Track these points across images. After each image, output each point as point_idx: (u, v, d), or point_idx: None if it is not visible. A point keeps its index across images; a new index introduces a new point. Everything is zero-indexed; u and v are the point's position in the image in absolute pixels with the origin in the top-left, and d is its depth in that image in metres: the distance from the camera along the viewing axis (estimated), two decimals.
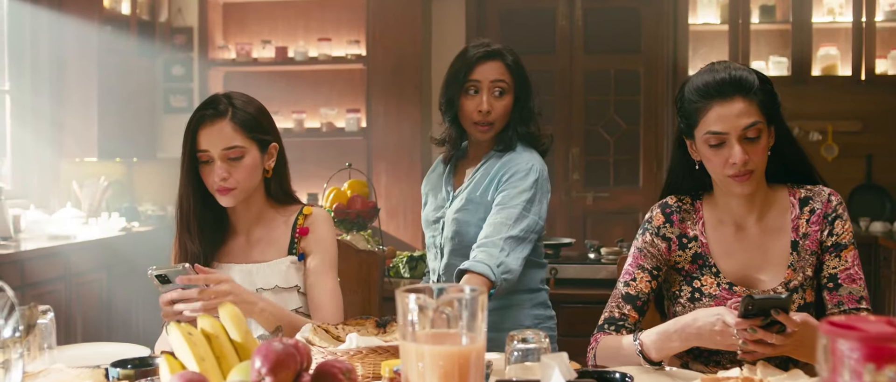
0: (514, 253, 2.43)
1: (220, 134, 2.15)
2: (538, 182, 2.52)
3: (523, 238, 2.46)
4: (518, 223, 2.46)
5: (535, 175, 2.52)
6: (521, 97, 2.60)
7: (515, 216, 2.46)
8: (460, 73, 2.60)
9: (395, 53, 5.98)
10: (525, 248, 2.47)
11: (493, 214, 2.50)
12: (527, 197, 2.49)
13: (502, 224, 2.45)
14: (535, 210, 2.50)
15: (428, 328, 1.29)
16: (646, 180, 6.25)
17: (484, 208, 2.56)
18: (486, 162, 2.61)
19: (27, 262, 4.54)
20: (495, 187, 2.55)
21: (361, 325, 1.96)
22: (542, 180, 2.55)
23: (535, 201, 2.51)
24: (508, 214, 2.47)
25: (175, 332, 1.35)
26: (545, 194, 2.57)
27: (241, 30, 6.46)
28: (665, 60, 6.10)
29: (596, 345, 2.05)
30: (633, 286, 2.08)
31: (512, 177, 2.52)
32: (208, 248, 2.22)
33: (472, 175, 2.62)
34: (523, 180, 2.50)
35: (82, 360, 1.95)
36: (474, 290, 1.31)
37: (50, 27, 5.65)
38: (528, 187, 2.50)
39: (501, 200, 2.50)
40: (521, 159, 2.56)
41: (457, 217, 2.59)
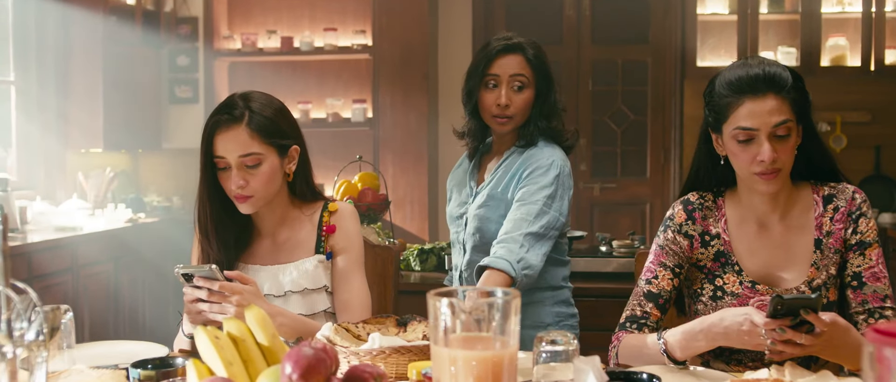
0: (534, 249, 2.41)
1: (236, 141, 2.08)
2: (559, 178, 2.51)
3: (543, 235, 2.44)
4: (538, 219, 2.44)
5: (555, 171, 2.50)
6: (543, 92, 2.58)
7: (535, 212, 2.44)
8: (480, 65, 2.59)
9: (401, 43, 5.95)
10: (545, 244, 2.45)
11: (514, 209, 2.48)
12: (547, 193, 2.47)
13: (522, 220, 2.43)
14: (555, 206, 2.48)
15: (460, 332, 1.28)
16: (653, 170, 6.23)
17: (505, 205, 2.54)
18: (507, 158, 2.59)
19: (35, 254, 4.52)
20: (516, 183, 2.53)
21: (382, 323, 1.95)
22: (563, 175, 2.53)
23: (556, 197, 2.49)
24: (528, 210, 2.45)
25: (202, 336, 1.33)
26: (567, 190, 2.55)
27: (246, 20, 6.42)
28: (673, 51, 6.06)
29: (618, 344, 2.03)
30: (654, 284, 2.06)
31: (532, 173, 2.50)
32: (231, 252, 2.18)
33: (494, 171, 2.60)
34: (544, 176, 2.49)
35: (101, 359, 1.93)
36: (507, 293, 1.29)
37: (55, 18, 5.63)
38: (548, 183, 2.48)
39: (522, 196, 2.48)
40: (542, 155, 2.54)
41: (478, 213, 2.58)
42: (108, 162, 5.92)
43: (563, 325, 2.59)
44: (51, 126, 5.67)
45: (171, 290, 5.70)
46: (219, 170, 2.11)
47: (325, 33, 6.19)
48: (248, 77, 6.46)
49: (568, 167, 2.57)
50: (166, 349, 2.02)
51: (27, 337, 1.37)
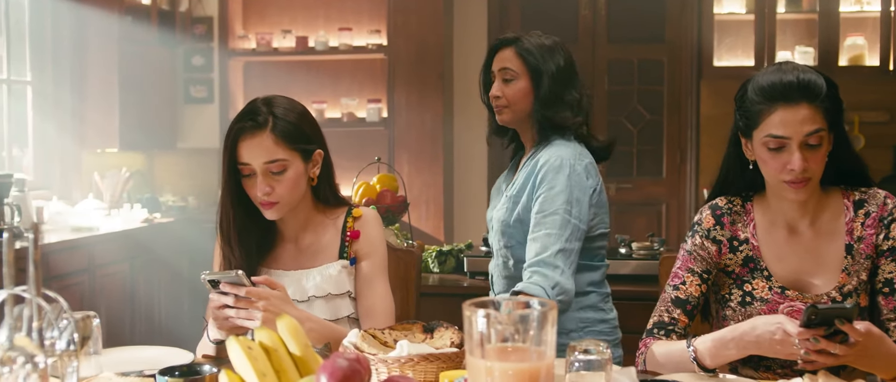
0: (567, 270, 2.38)
1: (260, 147, 2.06)
2: (570, 178, 2.44)
3: (571, 249, 2.41)
4: (563, 232, 2.40)
5: (566, 171, 2.44)
6: (537, 82, 2.57)
7: (559, 223, 2.41)
8: (485, 63, 2.73)
9: (416, 42, 5.94)
10: (574, 257, 2.42)
11: (539, 224, 2.43)
12: (564, 198, 2.43)
13: (550, 237, 2.39)
14: (574, 213, 2.43)
15: (496, 343, 1.27)
16: (669, 170, 6.20)
17: (519, 205, 2.52)
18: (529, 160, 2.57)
19: (52, 254, 4.53)
20: (532, 186, 2.50)
21: (408, 330, 1.93)
22: (575, 174, 2.46)
23: (574, 201, 2.43)
24: (553, 222, 2.41)
25: (235, 346, 1.32)
26: (583, 190, 2.47)
27: (261, 19, 6.42)
28: (689, 50, 6.03)
29: (645, 350, 2.01)
30: (682, 290, 2.04)
31: (544, 179, 2.46)
32: (253, 257, 2.17)
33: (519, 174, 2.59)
34: (556, 180, 2.44)
35: (126, 365, 1.92)
36: (544, 304, 1.27)
37: (71, 18, 5.63)
38: (562, 189, 2.43)
39: (541, 207, 2.44)
40: (550, 155, 2.49)
41: (496, 215, 2.57)
42: (124, 162, 5.93)
43: (588, 331, 2.55)
44: (67, 126, 5.68)
45: (187, 290, 5.70)
46: (243, 176, 2.09)
47: (340, 33, 6.18)
48: (263, 77, 6.46)
49: (582, 163, 2.49)
50: (191, 354, 2.01)
51: (58, 346, 1.36)
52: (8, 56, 5.40)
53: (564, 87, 2.59)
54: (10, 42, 5.43)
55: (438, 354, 1.75)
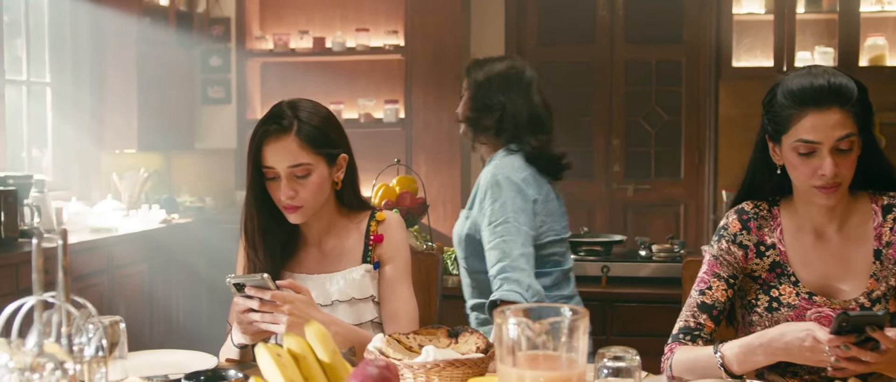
0: (532, 271, 2.54)
1: (285, 151, 2.05)
2: (509, 190, 2.61)
3: (529, 253, 2.58)
4: (518, 238, 2.57)
5: (503, 184, 2.62)
6: (471, 93, 2.83)
7: (512, 231, 2.58)
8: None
9: (434, 43, 5.93)
10: (533, 261, 2.58)
11: (493, 234, 2.59)
12: (510, 208, 2.60)
13: (508, 243, 2.56)
14: (523, 221, 2.59)
15: (527, 351, 1.26)
16: (687, 171, 6.17)
17: (469, 220, 2.72)
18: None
19: (71, 255, 4.51)
20: (478, 202, 2.71)
21: (433, 334, 1.92)
22: (512, 185, 2.61)
23: (518, 210, 2.60)
24: (506, 230, 2.58)
25: (263, 353, 1.32)
26: (525, 199, 2.64)
27: (278, 20, 6.43)
28: (708, 50, 6.00)
29: (671, 356, 2.00)
30: (708, 295, 2.02)
31: (486, 194, 2.66)
32: (277, 261, 2.16)
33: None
34: (498, 193, 2.62)
35: (150, 369, 1.92)
36: (576, 312, 1.26)
37: (90, 20, 5.66)
38: (506, 200, 2.61)
39: (491, 219, 2.63)
40: (486, 172, 2.72)
41: (455, 229, 2.84)
42: (142, 163, 5.94)
43: None
44: (85, 127, 5.70)
45: (204, 290, 5.72)
46: (267, 180, 2.09)
47: (357, 33, 6.18)
48: (280, 78, 6.47)
49: (520, 176, 2.65)
50: (214, 358, 2.00)
51: (87, 353, 1.36)
52: (28, 57, 5.42)
53: (489, 94, 2.76)
54: (30, 44, 5.45)
55: (464, 359, 1.74)
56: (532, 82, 2.81)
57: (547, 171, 2.78)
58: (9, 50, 5.22)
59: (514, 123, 2.75)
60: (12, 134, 5.28)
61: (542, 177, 2.76)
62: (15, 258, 4.24)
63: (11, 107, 5.26)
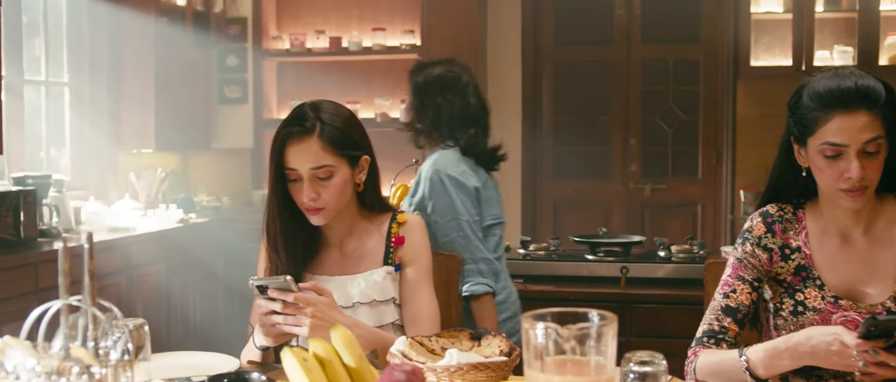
0: (488, 254, 2.92)
1: (307, 153, 2.05)
2: (446, 186, 2.89)
3: (480, 238, 2.91)
4: (468, 230, 2.86)
5: (445, 179, 2.90)
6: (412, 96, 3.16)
7: (463, 225, 2.87)
8: None
9: (450, 42, 5.92)
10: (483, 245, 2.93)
11: (446, 228, 2.88)
12: (456, 199, 2.89)
13: (463, 238, 2.87)
14: (467, 209, 2.89)
15: (555, 356, 1.25)
16: (705, 171, 6.14)
17: (408, 204, 3.05)
18: None
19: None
20: (420, 195, 2.98)
21: (455, 337, 1.92)
22: (448, 181, 2.90)
23: (461, 201, 2.89)
24: (458, 225, 2.89)
25: (290, 358, 1.31)
26: (466, 191, 2.91)
27: (294, 20, 6.43)
28: (725, 49, 5.97)
29: (695, 359, 1.98)
30: (733, 299, 2.01)
31: (429, 189, 2.95)
32: (299, 262, 2.16)
33: None
34: (440, 188, 2.91)
35: (172, 371, 1.92)
36: (604, 317, 1.26)
37: (108, 20, 5.68)
38: (448, 194, 2.90)
39: (441, 215, 2.90)
40: (425, 167, 3.00)
41: None
42: (159, 162, 5.96)
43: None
44: (103, 127, 5.72)
45: (222, 290, 5.73)
46: (289, 181, 2.09)
47: (374, 33, 6.18)
48: (297, 77, 6.47)
49: (458, 169, 2.94)
50: (236, 360, 2.00)
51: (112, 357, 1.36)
52: (46, 58, 5.44)
53: (427, 96, 3.07)
54: (48, 44, 5.47)
55: (488, 363, 1.73)
56: (469, 85, 3.09)
57: (481, 163, 3.04)
58: (27, 50, 5.25)
59: (450, 122, 3.01)
60: (31, 134, 5.30)
61: (479, 168, 3.02)
62: (34, 258, 4.26)
63: (30, 107, 5.28)
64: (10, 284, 4.10)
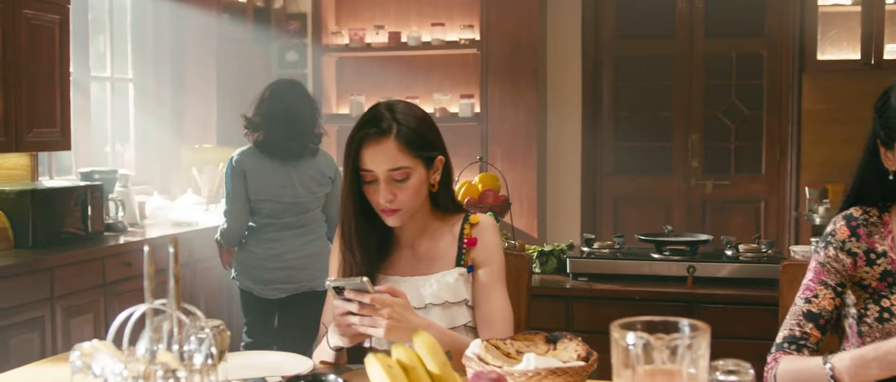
0: (230, 217, 4.08)
1: (384, 154, 2.04)
2: (228, 166, 4.03)
3: (231, 209, 4.04)
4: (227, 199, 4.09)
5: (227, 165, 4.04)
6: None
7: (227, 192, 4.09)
8: None
9: (510, 37, 5.89)
10: (235, 210, 4.01)
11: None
12: (227, 178, 4.02)
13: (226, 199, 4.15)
14: (228, 187, 4.00)
15: (645, 366, 1.22)
16: (769, 167, 6.04)
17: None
18: None
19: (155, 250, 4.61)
20: None
21: (530, 340, 1.89)
22: (228, 164, 4.02)
23: (227, 181, 4.01)
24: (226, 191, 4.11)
25: (375, 364, 1.30)
26: (230, 170, 4.00)
27: (353, 15, 6.44)
28: (791, 43, 5.86)
29: (776, 365, 1.93)
30: (815, 304, 1.95)
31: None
32: (373, 263, 2.15)
33: None
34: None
35: (246, 371, 1.92)
36: (696, 328, 1.22)
37: (171, 17, 5.74)
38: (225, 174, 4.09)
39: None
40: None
41: None
42: (221, 157, 6.00)
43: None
44: (166, 122, 5.79)
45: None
46: (365, 183, 2.08)
47: (433, 28, 6.17)
48: (356, 72, 6.49)
49: (235, 159, 3.98)
50: (310, 360, 2.00)
51: (197, 360, 1.36)
52: (111, 54, 5.52)
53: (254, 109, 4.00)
54: (114, 41, 5.55)
55: (566, 368, 1.71)
56: (269, 97, 3.95)
57: (272, 154, 3.91)
58: (93, 47, 5.33)
59: (252, 127, 3.96)
60: (96, 129, 5.38)
61: (267, 157, 3.91)
62: (101, 253, 4.33)
63: (96, 103, 5.37)
64: (78, 278, 4.17)
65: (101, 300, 4.32)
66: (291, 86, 3.98)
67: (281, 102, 3.89)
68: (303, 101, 3.95)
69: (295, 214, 3.97)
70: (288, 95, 3.91)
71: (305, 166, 3.95)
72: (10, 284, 3.79)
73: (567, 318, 3.51)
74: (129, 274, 4.50)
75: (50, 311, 4.00)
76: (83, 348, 1.36)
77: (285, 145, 3.88)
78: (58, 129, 4.42)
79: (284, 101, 3.89)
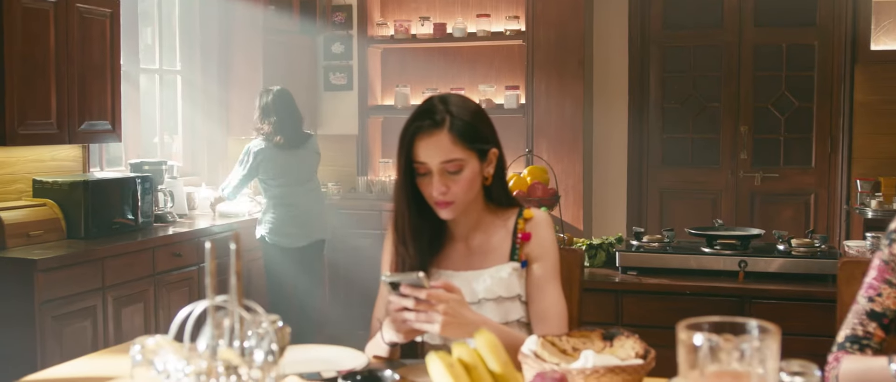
0: (232, 187, 5.01)
1: (438, 146, 2.02)
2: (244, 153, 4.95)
3: (237, 180, 4.96)
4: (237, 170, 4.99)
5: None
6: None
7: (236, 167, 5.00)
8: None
9: (556, 28, 5.84)
10: (236, 182, 4.96)
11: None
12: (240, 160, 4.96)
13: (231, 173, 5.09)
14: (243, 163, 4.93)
15: (713, 367, 1.20)
16: (819, 160, 5.94)
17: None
18: None
19: (202, 240, 4.66)
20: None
21: (587, 337, 1.87)
22: (245, 150, 4.94)
23: (240, 163, 4.92)
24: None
25: (436, 363, 1.29)
26: (244, 155, 4.93)
27: (399, 6, 6.44)
28: (843, 34, 5.75)
29: (837, 365, 1.90)
30: (878, 303, 1.91)
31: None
32: (425, 256, 2.14)
33: None
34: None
35: (301, 366, 1.92)
36: (766, 330, 1.20)
37: (218, 10, 5.78)
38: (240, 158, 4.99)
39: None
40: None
41: None
42: None
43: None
44: (213, 114, 5.83)
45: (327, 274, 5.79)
46: (418, 175, 2.07)
47: (478, 19, 6.14)
48: (401, 64, 6.49)
49: (249, 146, 4.94)
50: (363, 355, 2.00)
51: (257, 358, 1.36)
52: (160, 47, 5.57)
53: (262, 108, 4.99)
54: (162, 33, 5.60)
55: (625, 366, 1.69)
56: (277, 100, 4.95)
57: (280, 145, 4.88)
58: (141, 39, 5.37)
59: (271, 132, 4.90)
60: (145, 120, 5.44)
61: (278, 147, 4.88)
62: (151, 243, 4.38)
63: (144, 94, 5.42)
64: (128, 268, 4.22)
65: (151, 290, 4.37)
66: (288, 94, 5.01)
67: (286, 109, 4.97)
68: (295, 104, 5.05)
69: (303, 182, 5.05)
70: (289, 102, 4.99)
71: (304, 149, 5.05)
72: (63, 274, 3.85)
73: (617, 312, 3.48)
74: (178, 264, 4.55)
75: (101, 301, 4.06)
76: (146, 344, 1.37)
77: (294, 138, 4.99)
78: (109, 121, 4.47)
79: (288, 107, 4.97)
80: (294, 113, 5.00)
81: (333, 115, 6.47)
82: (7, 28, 3.89)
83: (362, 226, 5.94)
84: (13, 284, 3.73)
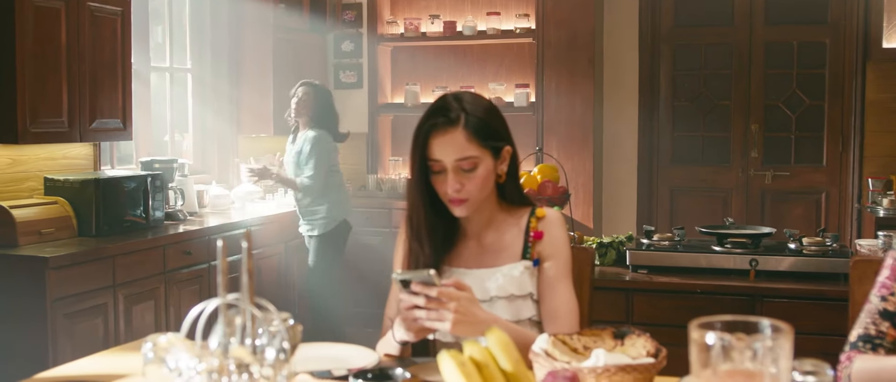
0: (315, 179, 5.09)
1: (452, 144, 2.03)
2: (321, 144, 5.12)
3: (320, 173, 5.09)
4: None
5: (317, 144, 5.09)
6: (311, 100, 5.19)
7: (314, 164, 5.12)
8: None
9: (566, 26, 5.83)
10: (320, 174, 5.10)
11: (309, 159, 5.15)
12: (318, 150, 5.11)
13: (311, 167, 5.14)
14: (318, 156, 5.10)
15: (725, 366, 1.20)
16: (830, 158, 5.92)
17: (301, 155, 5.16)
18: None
19: (212, 237, 4.67)
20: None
21: (598, 336, 1.87)
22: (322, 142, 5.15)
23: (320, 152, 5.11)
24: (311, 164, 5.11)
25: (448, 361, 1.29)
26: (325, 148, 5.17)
27: (409, 5, 6.44)
28: (854, 31, 5.73)
29: (850, 364, 1.89)
30: (891, 302, 1.90)
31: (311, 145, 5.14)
32: (438, 253, 2.14)
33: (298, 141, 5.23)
34: (313, 145, 5.10)
35: (312, 363, 1.93)
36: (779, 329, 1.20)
37: (228, 8, 5.79)
38: (320, 148, 5.11)
39: (312, 155, 5.11)
40: (310, 134, 5.14)
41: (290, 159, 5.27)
42: (277, 147, 6.05)
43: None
44: (223, 112, 5.84)
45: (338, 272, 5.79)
46: (432, 173, 2.07)
47: (488, 17, 6.14)
48: (411, 62, 6.49)
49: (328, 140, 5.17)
50: (374, 353, 2.00)
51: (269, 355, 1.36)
52: (170, 45, 5.58)
53: (315, 100, 5.14)
54: (173, 32, 5.61)
55: (636, 365, 1.68)
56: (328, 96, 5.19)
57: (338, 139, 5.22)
58: (152, 37, 5.39)
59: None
60: (156, 119, 5.45)
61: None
62: (162, 241, 4.39)
63: (155, 93, 5.43)
64: (139, 266, 4.23)
65: (162, 288, 4.39)
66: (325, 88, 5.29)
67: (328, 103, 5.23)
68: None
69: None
70: (328, 96, 5.24)
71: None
72: (74, 272, 3.86)
73: (627, 311, 3.48)
74: (188, 262, 4.56)
75: (113, 298, 4.07)
76: (158, 341, 1.37)
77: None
78: (120, 119, 4.48)
79: (329, 100, 5.22)
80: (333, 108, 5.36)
81: (343, 113, 6.45)
82: (19, 26, 3.90)
83: (372, 224, 5.95)
84: (25, 281, 3.75)
